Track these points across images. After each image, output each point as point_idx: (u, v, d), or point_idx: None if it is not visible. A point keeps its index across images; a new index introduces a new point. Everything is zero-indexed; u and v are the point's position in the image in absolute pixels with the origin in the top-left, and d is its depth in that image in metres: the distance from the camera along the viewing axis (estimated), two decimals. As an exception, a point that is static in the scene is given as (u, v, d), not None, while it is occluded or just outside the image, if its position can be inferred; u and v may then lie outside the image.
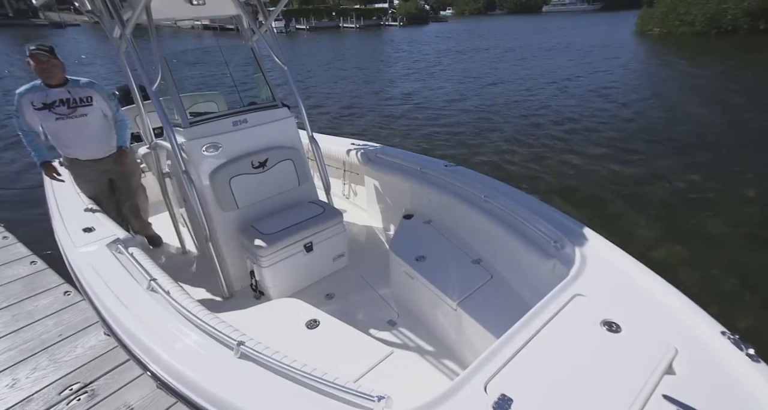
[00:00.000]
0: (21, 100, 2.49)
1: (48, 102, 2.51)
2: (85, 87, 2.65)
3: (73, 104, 2.59)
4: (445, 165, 2.84)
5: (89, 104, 2.64)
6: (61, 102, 2.54)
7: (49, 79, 2.51)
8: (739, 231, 4.44)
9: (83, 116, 2.62)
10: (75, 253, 1.98)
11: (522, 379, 1.18)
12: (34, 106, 2.49)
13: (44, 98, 2.51)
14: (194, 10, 2.50)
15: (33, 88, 2.52)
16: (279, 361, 1.27)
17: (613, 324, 1.34)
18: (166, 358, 1.37)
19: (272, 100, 2.86)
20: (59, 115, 2.55)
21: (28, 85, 2.52)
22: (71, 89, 2.59)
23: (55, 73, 2.51)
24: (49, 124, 2.57)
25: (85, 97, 2.62)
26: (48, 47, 2.48)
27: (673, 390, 1.12)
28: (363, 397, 1.13)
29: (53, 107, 2.53)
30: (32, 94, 2.50)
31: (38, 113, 2.51)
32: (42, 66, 2.45)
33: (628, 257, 1.70)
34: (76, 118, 2.61)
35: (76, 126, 2.62)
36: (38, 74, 2.48)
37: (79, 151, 2.72)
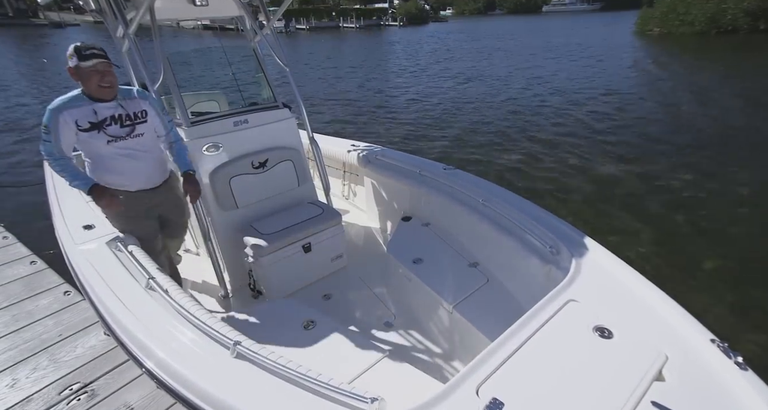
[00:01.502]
0: (58, 119, 1.84)
1: (97, 120, 1.91)
2: (139, 98, 2.07)
3: (127, 122, 2.00)
4: (444, 168, 2.85)
5: (144, 120, 2.07)
6: (113, 119, 1.95)
7: (107, 94, 1.91)
8: (733, 230, 4.45)
9: (139, 136, 2.04)
10: (74, 251, 1.99)
11: (514, 383, 1.19)
12: (79, 127, 1.87)
13: (92, 116, 1.89)
14: (197, 10, 2.51)
15: (73, 102, 1.88)
16: (274, 361, 1.28)
17: (605, 330, 1.36)
18: (162, 357, 1.38)
19: (273, 100, 2.88)
20: (112, 137, 1.95)
21: (64, 97, 1.88)
22: (124, 102, 1.99)
23: (116, 85, 1.94)
24: (97, 149, 1.96)
25: (139, 111, 2.05)
26: (102, 49, 1.87)
27: (662, 397, 1.14)
28: (356, 398, 1.14)
29: (104, 127, 1.93)
30: (74, 110, 1.86)
31: (85, 135, 1.89)
32: (103, 77, 1.85)
33: (623, 264, 1.72)
34: (133, 138, 2.02)
35: (131, 149, 2.03)
36: (88, 87, 1.87)
37: (131, 181, 2.09)
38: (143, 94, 2.12)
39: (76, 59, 1.80)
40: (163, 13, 2.38)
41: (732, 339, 1.32)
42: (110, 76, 1.87)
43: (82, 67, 1.80)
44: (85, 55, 1.80)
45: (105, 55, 1.84)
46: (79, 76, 1.85)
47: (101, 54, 1.83)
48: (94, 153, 1.97)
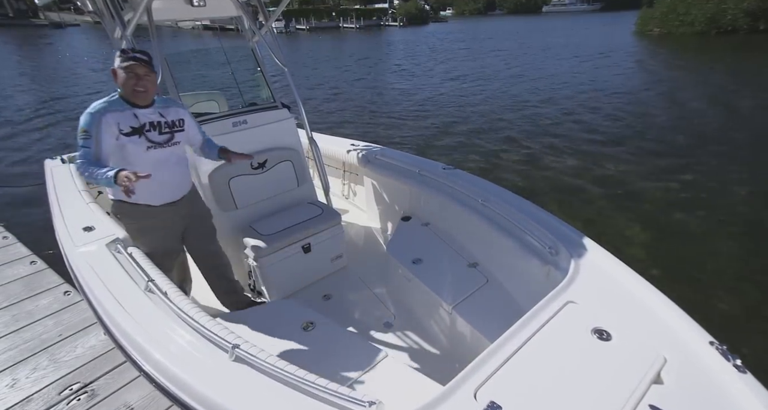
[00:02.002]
0: (101, 122, 1.77)
1: (139, 125, 1.86)
2: (177, 105, 2.05)
3: (166, 129, 1.94)
4: (444, 168, 2.85)
5: (181, 129, 2.01)
6: (152, 126, 1.90)
7: (142, 99, 1.87)
8: (731, 230, 4.45)
9: (176, 145, 1.99)
10: (74, 253, 1.98)
11: (512, 387, 1.19)
12: (121, 130, 1.81)
13: (133, 120, 1.85)
14: (195, 11, 2.51)
15: (114, 105, 1.83)
16: (273, 365, 1.28)
17: (604, 332, 1.36)
18: (160, 360, 1.37)
19: (272, 100, 2.88)
20: (152, 144, 1.89)
21: (103, 101, 1.83)
22: (162, 110, 1.96)
23: (152, 92, 1.90)
24: (134, 156, 1.86)
25: (177, 119, 2.00)
26: (147, 53, 1.85)
27: (661, 400, 1.13)
28: (355, 402, 1.14)
29: (145, 132, 1.88)
30: (116, 113, 1.82)
31: (126, 140, 1.82)
32: (138, 81, 1.81)
33: (622, 265, 1.71)
34: (170, 147, 1.96)
35: (165, 158, 1.95)
36: (127, 91, 1.83)
37: (157, 194, 1.99)
38: (179, 103, 2.11)
39: (119, 60, 1.79)
40: (160, 13, 2.38)
41: (731, 342, 1.32)
42: (146, 82, 1.83)
43: (121, 68, 1.79)
44: (126, 57, 1.78)
45: (146, 60, 1.81)
46: (117, 78, 1.83)
47: (142, 58, 1.80)
48: (128, 161, 1.85)
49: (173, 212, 2.09)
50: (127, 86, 1.81)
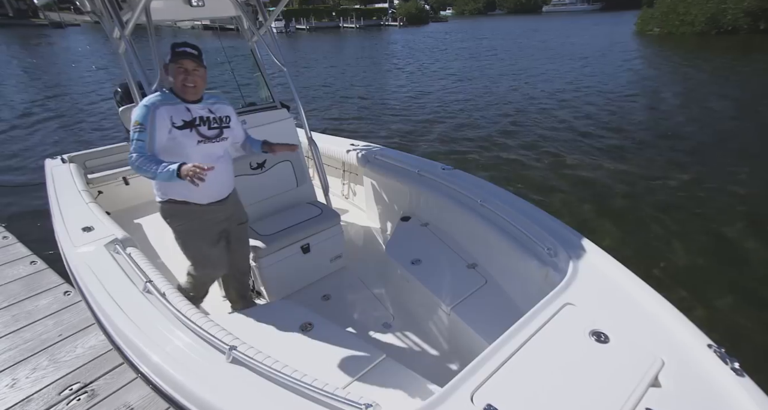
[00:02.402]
0: (155, 115, 1.76)
1: (190, 119, 1.85)
2: (223, 102, 2.03)
3: (215, 125, 1.93)
4: (443, 168, 2.86)
5: (228, 125, 2.00)
6: (201, 121, 1.89)
7: (191, 94, 1.86)
8: (732, 230, 4.45)
9: (224, 140, 1.98)
10: (73, 253, 1.98)
11: (508, 389, 1.18)
12: (174, 123, 1.80)
13: (186, 113, 1.84)
14: (194, 11, 2.51)
15: (167, 99, 1.83)
16: (270, 367, 1.27)
17: (602, 334, 1.36)
18: (157, 361, 1.37)
19: (271, 100, 2.88)
20: (203, 138, 1.87)
21: (155, 95, 1.83)
22: (211, 105, 1.95)
23: (201, 87, 1.88)
24: (185, 150, 1.84)
25: (225, 116, 1.99)
26: (197, 46, 1.83)
27: (658, 403, 1.13)
28: (351, 405, 1.14)
29: (196, 125, 1.87)
30: (170, 106, 1.81)
31: (179, 133, 1.81)
32: (187, 76, 1.80)
33: (620, 266, 1.71)
34: (218, 142, 1.94)
35: (214, 154, 1.93)
36: (177, 85, 1.82)
37: (205, 191, 1.89)
38: (226, 99, 2.08)
39: (169, 56, 1.79)
40: (159, 13, 2.38)
41: (730, 344, 1.32)
42: (196, 77, 1.82)
43: (171, 63, 1.79)
44: (176, 52, 1.77)
45: (196, 55, 1.80)
46: (168, 73, 1.84)
47: (192, 53, 1.79)
48: (178, 155, 1.81)
49: (219, 211, 2.05)
50: (177, 81, 1.81)
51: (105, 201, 3.24)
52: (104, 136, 8.44)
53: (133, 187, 3.88)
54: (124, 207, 3.76)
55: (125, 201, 3.84)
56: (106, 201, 3.40)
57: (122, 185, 3.84)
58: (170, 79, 1.84)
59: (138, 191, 3.91)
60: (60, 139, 8.38)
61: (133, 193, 3.89)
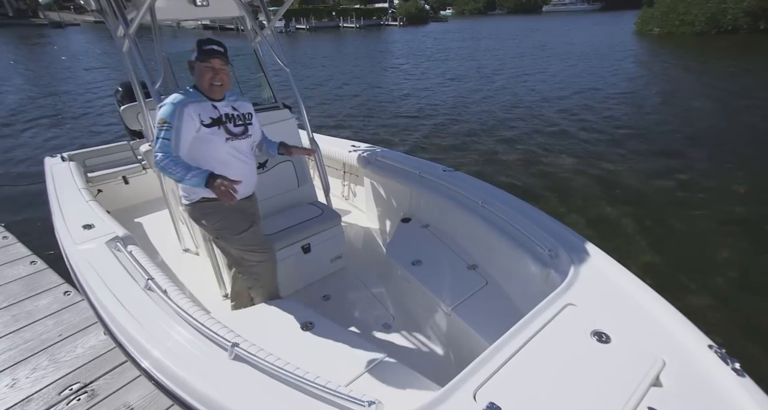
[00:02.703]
0: (183, 113, 1.73)
1: (217, 116, 1.84)
2: (244, 100, 2.03)
3: (239, 122, 1.93)
4: (444, 170, 2.86)
5: (251, 122, 2.00)
6: (227, 118, 1.88)
7: (218, 93, 1.85)
8: (730, 229, 4.46)
9: (249, 137, 1.98)
10: (74, 250, 1.99)
11: (511, 388, 1.19)
12: (202, 121, 1.78)
13: (213, 111, 1.83)
14: (198, 11, 2.51)
15: (194, 97, 1.81)
16: (272, 364, 1.28)
17: (603, 334, 1.36)
18: (160, 358, 1.38)
19: (274, 100, 2.88)
20: (230, 135, 1.87)
21: (181, 93, 1.80)
22: (234, 103, 1.96)
23: (227, 85, 1.87)
24: (213, 148, 1.83)
25: (247, 113, 1.99)
26: (222, 43, 1.82)
27: (659, 403, 1.14)
28: (354, 402, 1.14)
29: (224, 122, 1.86)
30: (197, 104, 1.80)
31: (207, 131, 1.79)
32: (215, 75, 1.79)
33: (621, 268, 1.72)
34: (244, 139, 1.94)
35: (241, 151, 1.94)
36: (204, 84, 1.81)
37: (242, 187, 1.91)
38: (245, 97, 2.08)
39: (196, 54, 1.77)
40: (163, 13, 2.39)
41: (730, 344, 1.32)
42: (223, 75, 1.82)
43: (198, 62, 1.77)
44: (204, 51, 1.76)
45: (223, 53, 1.79)
46: (194, 71, 1.82)
47: (219, 51, 1.78)
48: (207, 153, 1.82)
49: (246, 208, 2.05)
50: (204, 80, 1.79)
51: (104, 200, 3.24)
52: (104, 135, 8.43)
53: (132, 186, 3.88)
54: (123, 207, 3.76)
55: (125, 200, 3.84)
56: (106, 200, 3.40)
57: (122, 184, 3.84)
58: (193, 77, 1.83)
59: (138, 190, 3.91)
60: (58, 138, 8.37)
61: (132, 192, 3.89)
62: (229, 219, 1.95)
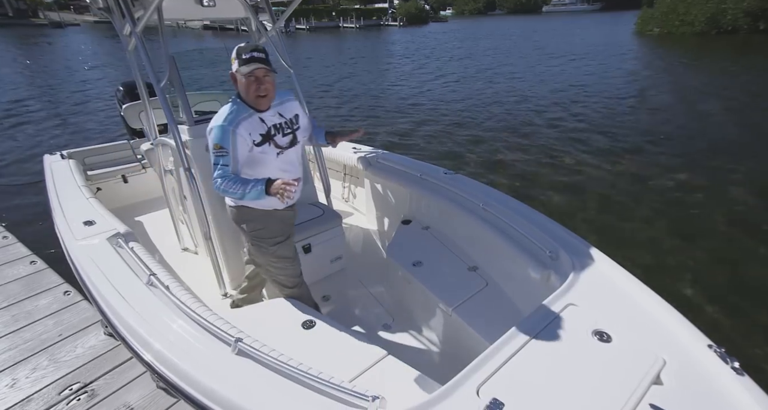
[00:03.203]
0: (236, 135, 1.62)
1: (266, 131, 1.71)
2: (288, 100, 1.87)
3: (288, 130, 1.79)
4: (445, 172, 2.86)
5: (299, 126, 1.85)
6: (276, 129, 1.75)
7: (265, 104, 1.71)
8: (727, 229, 4.46)
9: (298, 144, 1.84)
10: (75, 246, 1.99)
11: (514, 385, 1.20)
12: (254, 141, 1.67)
13: (261, 126, 1.70)
14: (204, 11, 2.52)
15: (241, 113, 1.67)
16: (276, 359, 1.29)
17: (604, 334, 1.38)
18: (164, 353, 1.39)
19: None
20: (280, 149, 1.75)
21: (228, 111, 1.66)
22: (280, 108, 1.79)
23: (272, 94, 1.71)
24: (266, 164, 1.74)
25: (294, 116, 1.84)
26: (263, 49, 1.65)
27: (660, 400, 1.15)
28: (358, 397, 1.15)
29: (273, 137, 1.73)
30: (246, 122, 1.66)
31: (258, 150, 1.69)
32: (260, 85, 1.64)
33: (621, 269, 1.74)
34: (294, 147, 1.82)
35: (291, 161, 1.82)
36: (250, 97, 1.66)
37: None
38: (289, 94, 1.88)
39: (237, 63, 1.61)
40: (170, 12, 2.39)
41: (729, 343, 1.33)
42: (267, 84, 1.66)
43: (240, 72, 1.62)
44: (245, 59, 1.59)
45: (265, 59, 1.63)
46: (237, 83, 1.67)
47: (261, 58, 1.61)
48: (259, 172, 1.71)
49: (287, 218, 1.98)
50: (249, 92, 1.65)
51: (103, 198, 3.24)
52: (103, 134, 8.43)
53: (131, 185, 3.88)
54: (122, 205, 3.75)
55: (124, 199, 3.84)
56: (105, 198, 3.40)
57: (121, 183, 3.84)
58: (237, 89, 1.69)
59: (137, 189, 3.91)
60: (58, 136, 8.37)
61: (131, 191, 3.89)
62: (268, 229, 1.89)
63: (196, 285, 2.66)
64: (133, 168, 3.86)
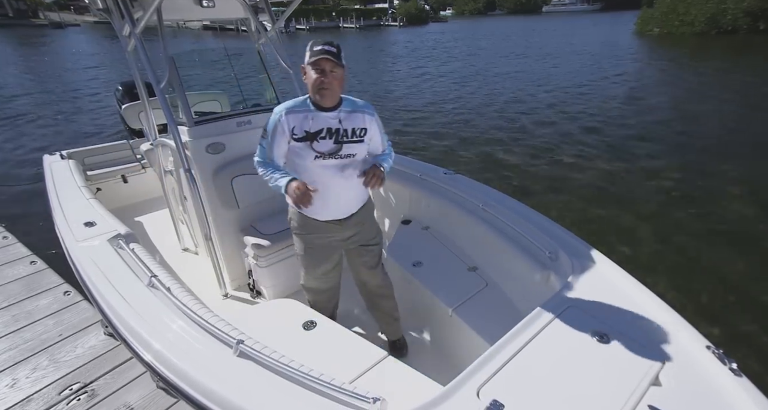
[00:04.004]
0: (278, 123, 1.65)
1: (312, 130, 1.65)
2: (363, 112, 1.74)
3: (341, 138, 1.67)
4: (445, 173, 2.86)
5: (361, 139, 1.72)
6: (328, 133, 1.66)
7: (327, 99, 1.63)
8: (725, 229, 4.47)
9: (349, 158, 1.70)
10: (76, 247, 1.99)
11: (514, 386, 1.21)
12: (294, 135, 1.64)
13: (308, 124, 1.64)
14: (203, 11, 2.52)
15: (297, 106, 1.67)
16: (277, 361, 1.29)
17: (604, 335, 1.38)
18: (165, 354, 1.39)
19: (276, 102, 2.88)
20: (320, 154, 1.66)
21: (291, 101, 1.69)
22: (344, 115, 1.69)
23: (338, 91, 1.65)
24: (302, 164, 1.69)
25: (359, 129, 1.71)
26: (336, 44, 1.60)
27: (659, 401, 1.16)
28: (359, 398, 1.16)
29: (317, 139, 1.65)
30: (295, 115, 1.65)
31: (297, 146, 1.66)
32: (324, 78, 1.57)
33: (621, 271, 1.75)
34: (340, 159, 1.69)
35: (333, 171, 1.70)
36: (313, 89, 1.61)
37: (319, 209, 1.76)
38: (368, 106, 1.77)
39: (308, 55, 1.58)
40: (169, 13, 2.39)
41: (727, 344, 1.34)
42: (332, 78, 1.58)
43: (308, 63, 1.57)
44: (315, 51, 1.55)
45: (335, 53, 1.56)
46: (306, 76, 1.62)
47: (331, 51, 1.55)
48: (297, 169, 1.71)
49: (337, 231, 1.86)
50: (313, 85, 1.60)
51: (103, 198, 3.24)
52: (101, 134, 8.43)
53: (131, 185, 3.88)
54: (122, 205, 3.75)
55: (124, 199, 3.84)
56: (105, 198, 3.40)
57: (121, 183, 3.84)
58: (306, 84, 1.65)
59: (137, 189, 3.90)
60: (57, 135, 8.37)
61: (131, 191, 3.89)
62: (307, 239, 1.89)
63: (196, 285, 2.66)
64: (132, 168, 3.86)
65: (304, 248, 1.93)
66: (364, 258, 2.03)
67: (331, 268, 2.04)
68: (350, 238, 1.92)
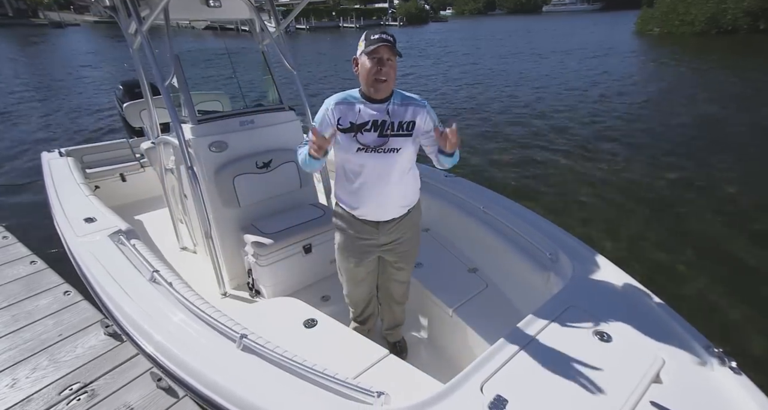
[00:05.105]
0: (326, 113, 1.64)
1: (358, 122, 1.60)
2: (413, 105, 1.65)
3: (387, 131, 1.60)
4: (446, 175, 2.87)
5: (408, 134, 1.64)
6: (373, 125, 1.60)
7: (382, 90, 1.57)
8: (721, 228, 4.47)
9: (393, 152, 1.62)
10: (76, 243, 1.99)
11: (517, 382, 1.23)
12: (339, 125, 1.60)
13: (355, 115, 1.60)
14: (210, 11, 2.53)
15: (347, 98, 1.64)
16: (281, 355, 1.31)
17: (605, 334, 1.41)
18: (169, 348, 1.40)
19: (279, 102, 2.89)
20: (363, 146, 1.60)
21: (345, 92, 1.66)
22: (392, 108, 1.62)
23: (392, 81, 1.58)
24: (345, 156, 1.65)
25: (406, 123, 1.63)
26: (393, 36, 1.54)
27: (660, 398, 1.18)
28: (363, 392, 1.17)
29: (362, 131, 1.60)
30: (344, 106, 1.62)
31: (342, 137, 1.61)
32: (381, 68, 1.51)
33: (620, 270, 1.76)
34: (384, 153, 1.61)
35: (377, 166, 1.63)
36: (368, 80, 1.55)
37: (359, 204, 1.71)
38: (422, 103, 1.67)
39: (363, 45, 1.52)
40: (176, 12, 2.40)
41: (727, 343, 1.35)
42: (389, 68, 1.52)
43: (365, 52, 1.51)
44: (372, 40, 1.49)
45: (392, 42, 1.51)
46: (359, 67, 1.57)
47: (389, 40, 1.50)
48: (342, 158, 1.67)
49: (373, 234, 1.77)
50: (368, 75, 1.53)
51: (101, 196, 3.24)
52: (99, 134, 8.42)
53: (130, 183, 3.88)
54: (120, 204, 3.76)
55: (122, 197, 3.84)
56: (103, 196, 3.40)
57: (119, 181, 3.84)
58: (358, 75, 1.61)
59: (135, 188, 3.90)
60: (56, 136, 8.36)
61: (130, 189, 3.89)
62: (344, 237, 1.82)
63: (194, 284, 2.65)
64: (131, 167, 3.86)
65: (338, 243, 1.86)
66: (397, 273, 1.97)
67: (364, 276, 1.94)
68: (386, 246, 1.82)
